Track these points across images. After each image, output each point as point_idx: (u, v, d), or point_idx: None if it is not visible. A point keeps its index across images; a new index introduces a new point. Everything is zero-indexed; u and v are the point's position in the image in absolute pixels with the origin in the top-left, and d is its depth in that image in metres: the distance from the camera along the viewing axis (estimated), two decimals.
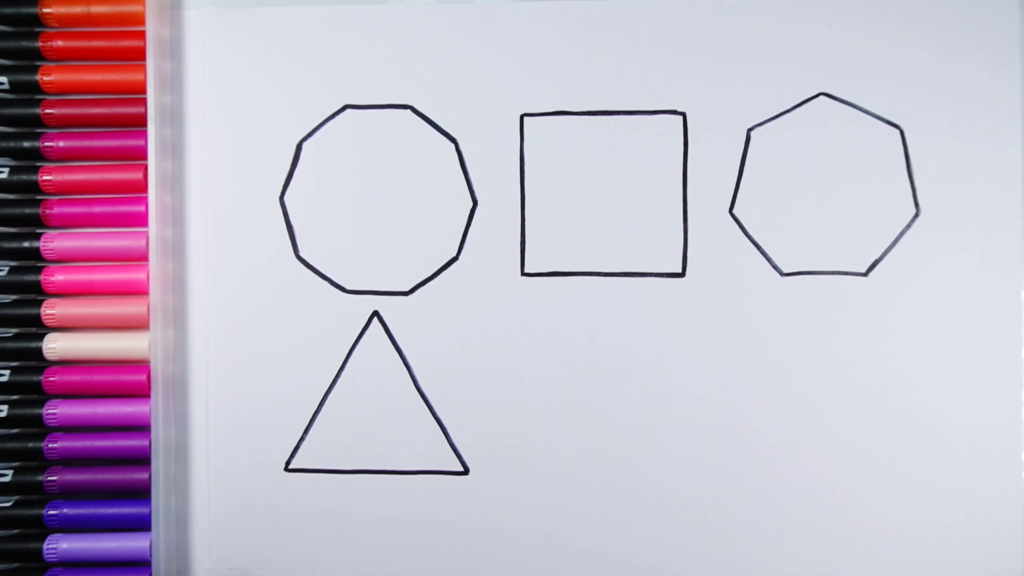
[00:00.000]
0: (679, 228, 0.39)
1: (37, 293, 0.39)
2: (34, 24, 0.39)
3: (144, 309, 0.38)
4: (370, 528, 0.39)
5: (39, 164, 0.39)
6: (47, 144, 0.39)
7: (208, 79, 0.40)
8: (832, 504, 0.38)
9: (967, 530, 0.37)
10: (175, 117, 0.40)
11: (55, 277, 0.39)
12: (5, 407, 0.38)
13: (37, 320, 0.39)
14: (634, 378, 0.38)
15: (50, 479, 0.38)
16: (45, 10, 0.39)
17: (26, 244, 0.39)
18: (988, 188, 0.38)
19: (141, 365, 0.39)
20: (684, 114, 0.39)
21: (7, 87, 0.39)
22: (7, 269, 0.39)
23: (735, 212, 0.39)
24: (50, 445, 0.38)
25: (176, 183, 0.40)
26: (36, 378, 0.38)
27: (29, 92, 0.39)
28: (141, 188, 0.39)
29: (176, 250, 0.40)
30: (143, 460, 0.38)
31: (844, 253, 0.38)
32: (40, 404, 0.39)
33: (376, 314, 0.39)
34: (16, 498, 0.39)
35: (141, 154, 0.39)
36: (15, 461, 0.39)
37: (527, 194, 0.39)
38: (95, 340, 0.39)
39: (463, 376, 0.39)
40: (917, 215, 0.38)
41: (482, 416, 0.39)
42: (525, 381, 0.39)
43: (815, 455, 0.38)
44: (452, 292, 0.39)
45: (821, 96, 0.39)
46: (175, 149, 0.40)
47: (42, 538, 0.38)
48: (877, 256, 0.38)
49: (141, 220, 0.39)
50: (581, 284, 0.39)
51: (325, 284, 0.39)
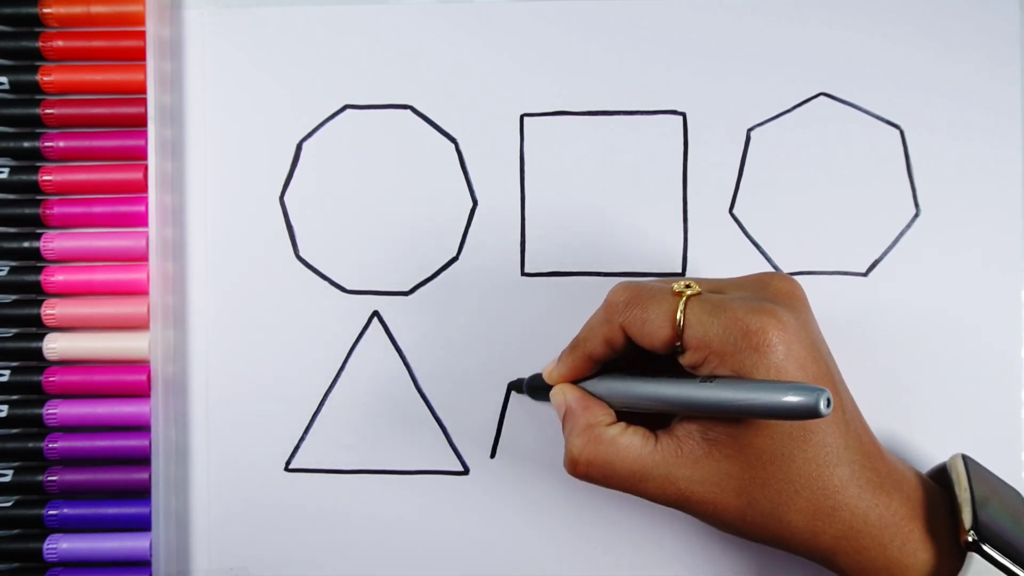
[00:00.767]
0: (679, 228, 0.39)
1: (37, 293, 0.39)
2: (34, 24, 0.39)
3: (144, 309, 0.38)
4: (370, 528, 0.39)
5: (39, 164, 0.39)
6: (47, 144, 0.39)
7: (208, 79, 0.40)
8: None
9: None
10: (175, 117, 0.40)
11: (55, 277, 0.39)
12: (5, 407, 0.38)
13: (37, 320, 0.39)
14: None
15: (50, 479, 0.38)
16: (45, 10, 0.39)
17: (26, 244, 0.39)
18: (988, 188, 0.38)
19: (141, 365, 0.39)
20: (684, 114, 0.39)
21: (7, 87, 0.39)
22: (7, 269, 0.39)
23: (735, 212, 0.39)
24: (50, 445, 0.38)
25: (176, 183, 0.40)
26: (36, 378, 0.38)
27: (29, 92, 0.39)
28: (141, 188, 0.39)
29: (176, 250, 0.39)
30: (143, 460, 0.38)
31: (844, 253, 0.38)
32: (40, 404, 0.39)
33: (376, 314, 0.39)
34: (16, 498, 0.39)
35: (141, 154, 0.39)
36: (15, 461, 0.39)
37: (527, 194, 0.39)
38: (95, 340, 0.39)
39: (463, 376, 0.39)
40: (917, 215, 0.38)
41: (482, 416, 0.39)
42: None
43: None
44: (452, 292, 0.39)
45: (821, 96, 0.39)
46: (175, 149, 0.40)
47: (42, 538, 0.38)
48: (877, 256, 0.38)
49: (141, 220, 0.39)
50: (581, 284, 0.39)
51: (325, 284, 0.39)
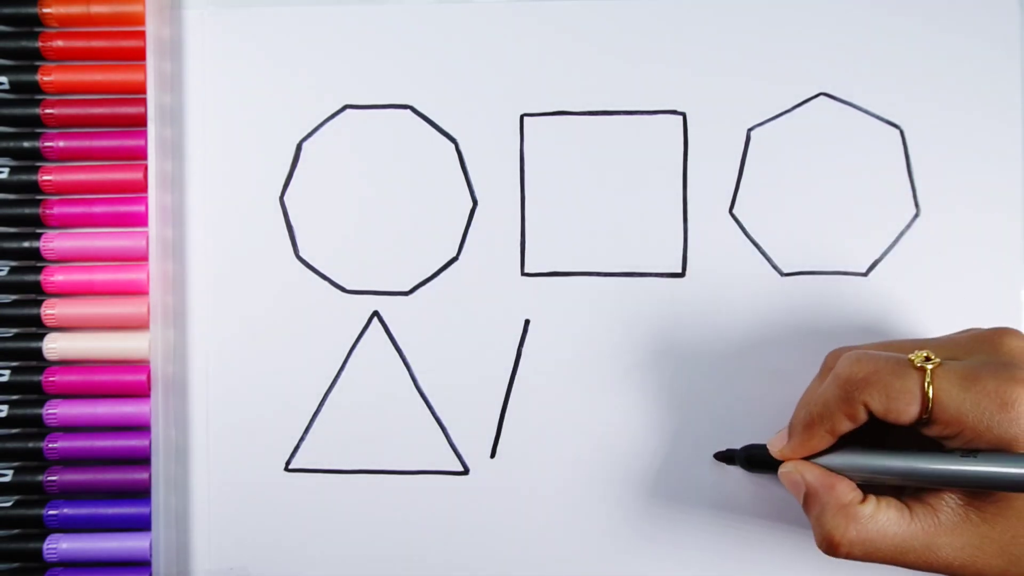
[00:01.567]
0: (679, 228, 0.39)
1: (37, 293, 0.39)
2: (34, 24, 0.39)
3: (144, 309, 0.38)
4: (370, 528, 0.39)
5: (39, 164, 0.39)
6: (47, 144, 0.39)
7: (208, 79, 0.40)
8: None
9: None
10: (175, 117, 0.40)
11: (55, 277, 0.39)
12: (5, 407, 0.38)
13: (37, 320, 0.39)
14: (634, 378, 0.38)
15: (50, 479, 0.38)
16: (45, 10, 0.39)
17: (26, 244, 0.39)
18: (988, 188, 0.38)
19: (141, 365, 0.39)
20: (684, 114, 0.39)
21: (7, 87, 0.39)
22: (7, 269, 0.39)
23: (735, 212, 0.39)
24: (50, 445, 0.38)
25: (176, 183, 0.40)
26: (36, 378, 0.38)
27: (29, 92, 0.39)
28: (141, 188, 0.39)
29: (176, 250, 0.39)
30: (143, 460, 0.38)
31: (844, 253, 0.38)
32: (40, 404, 0.39)
33: (376, 314, 0.39)
34: (16, 498, 0.39)
35: (141, 154, 0.39)
36: (15, 461, 0.39)
37: (527, 194, 0.39)
38: (95, 340, 0.39)
39: (463, 376, 0.39)
40: (917, 215, 0.38)
41: (482, 416, 0.39)
42: (525, 381, 0.39)
43: None
44: (452, 292, 0.39)
45: (821, 96, 0.39)
46: (175, 149, 0.40)
47: (42, 538, 0.38)
48: (877, 256, 0.38)
49: (141, 220, 0.39)
50: (581, 284, 0.39)
51: (325, 284, 0.39)
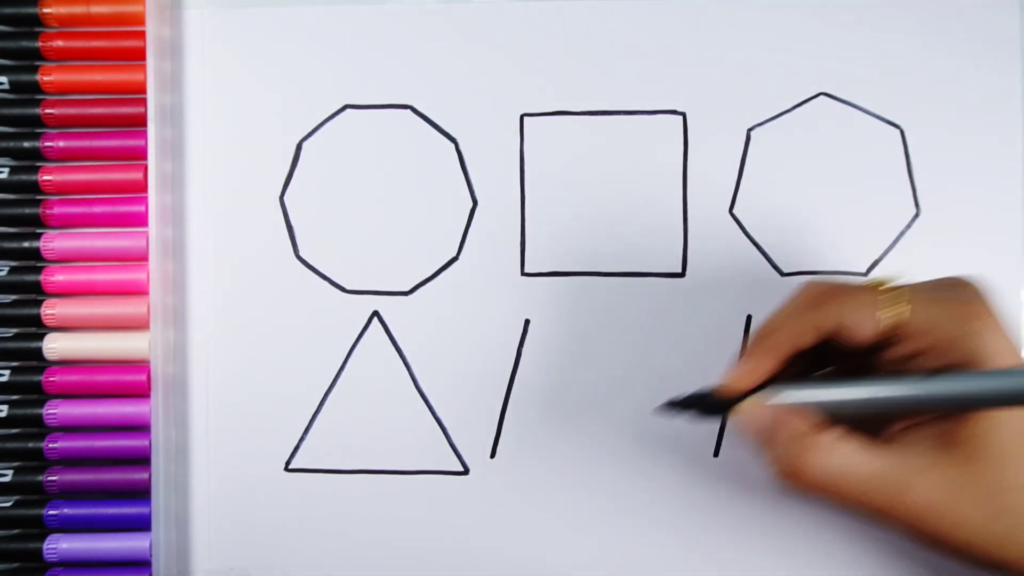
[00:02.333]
0: (679, 228, 0.39)
1: (37, 293, 0.39)
2: (34, 24, 0.39)
3: (144, 309, 0.38)
4: (370, 528, 0.39)
5: (39, 164, 0.39)
6: (47, 144, 0.39)
7: (208, 79, 0.40)
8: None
9: None
10: (175, 117, 0.40)
11: (55, 277, 0.39)
12: (5, 407, 0.38)
13: (37, 320, 0.39)
14: (634, 378, 0.38)
15: (50, 479, 0.38)
16: (45, 10, 0.39)
17: (26, 244, 0.39)
18: (988, 188, 0.38)
19: (141, 365, 0.39)
20: (684, 114, 0.39)
21: (7, 87, 0.39)
22: (7, 269, 0.39)
23: (735, 212, 0.39)
24: (50, 445, 0.38)
25: (176, 183, 0.40)
26: (36, 378, 0.38)
27: (29, 92, 0.39)
28: (141, 188, 0.39)
29: (176, 250, 0.39)
30: (143, 460, 0.38)
31: (844, 253, 0.38)
32: (40, 404, 0.39)
33: (376, 314, 0.39)
34: (16, 498, 0.39)
35: (141, 154, 0.39)
36: (15, 461, 0.39)
37: (527, 194, 0.39)
38: (95, 340, 0.39)
39: (463, 376, 0.39)
40: (917, 215, 0.38)
41: (482, 416, 0.39)
42: (525, 381, 0.39)
43: None
44: (452, 292, 0.39)
45: (821, 96, 0.39)
46: (175, 149, 0.40)
47: (42, 538, 0.38)
48: (877, 256, 0.38)
49: (141, 220, 0.39)
50: (581, 284, 0.39)
51: (325, 284, 0.39)
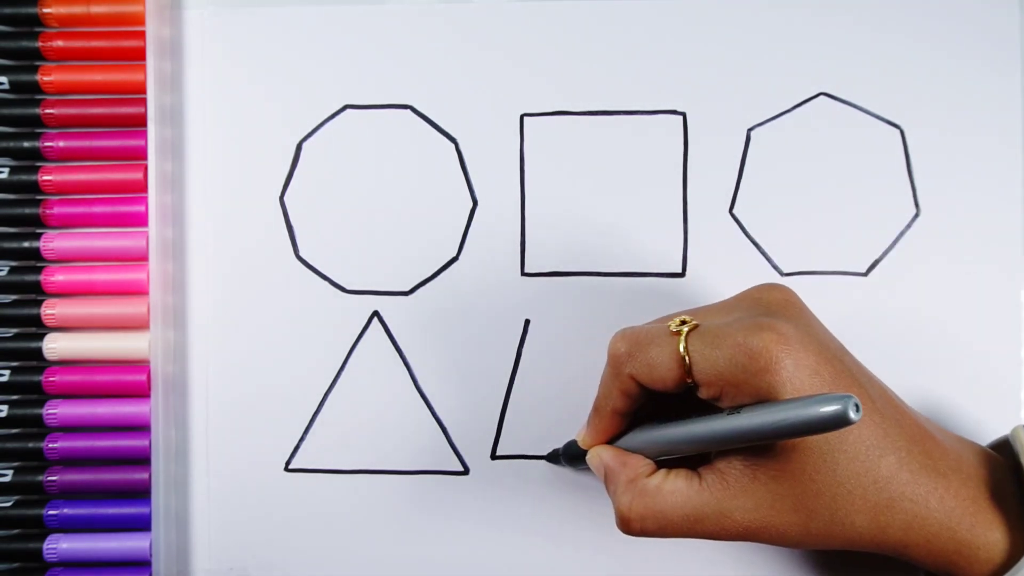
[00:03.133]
0: (679, 228, 0.39)
1: (37, 293, 0.39)
2: (34, 24, 0.39)
3: (144, 309, 0.38)
4: (370, 528, 0.39)
5: (39, 164, 0.39)
6: (47, 144, 0.39)
7: (208, 79, 0.40)
8: None
9: None
10: (175, 117, 0.40)
11: (55, 277, 0.39)
12: (5, 407, 0.38)
13: (37, 320, 0.39)
14: None
15: (50, 479, 0.38)
16: (45, 10, 0.39)
17: (26, 244, 0.39)
18: (988, 188, 0.38)
19: (141, 365, 0.39)
20: (684, 114, 0.39)
21: (7, 87, 0.39)
22: (7, 269, 0.39)
23: (735, 212, 0.39)
24: (50, 445, 0.38)
25: (176, 183, 0.40)
26: (36, 378, 0.38)
27: (29, 92, 0.39)
28: (141, 188, 0.39)
29: (176, 250, 0.39)
30: (143, 460, 0.38)
31: (844, 253, 0.38)
32: (40, 404, 0.39)
33: (376, 314, 0.39)
34: (16, 498, 0.39)
35: (141, 154, 0.39)
36: (15, 461, 0.39)
37: (527, 194, 0.39)
38: (95, 340, 0.39)
39: (463, 376, 0.39)
40: (917, 215, 0.38)
41: (482, 416, 0.39)
42: (525, 381, 0.39)
43: None
44: (452, 292, 0.39)
45: (821, 96, 0.39)
46: (175, 149, 0.40)
47: (42, 538, 0.38)
48: (877, 256, 0.38)
49: (141, 220, 0.39)
50: (581, 284, 0.39)
51: (325, 284, 0.39)
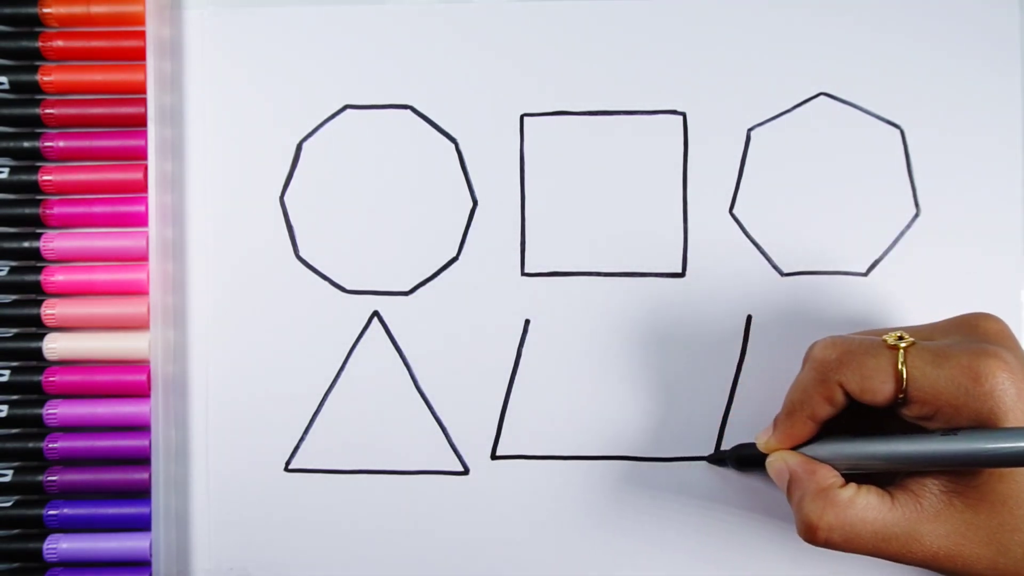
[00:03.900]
0: (679, 228, 0.39)
1: (37, 293, 0.39)
2: (34, 24, 0.39)
3: (144, 309, 0.38)
4: (370, 528, 0.39)
5: (39, 164, 0.39)
6: (47, 144, 0.39)
7: (208, 79, 0.40)
8: None
9: None
10: (175, 117, 0.40)
11: (55, 277, 0.39)
12: (5, 407, 0.38)
13: (37, 320, 0.39)
14: (634, 378, 0.38)
15: (50, 479, 0.38)
16: (45, 10, 0.39)
17: (26, 244, 0.39)
18: (988, 188, 0.38)
19: (141, 365, 0.39)
20: (684, 114, 0.39)
21: (7, 87, 0.39)
22: (7, 269, 0.39)
23: (735, 212, 0.39)
24: (50, 445, 0.38)
25: (176, 183, 0.40)
26: (36, 378, 0.38)
27: (29, 92, 0.39)
28: (141, 188, 0.39)
29: (176, 250, 0.39)
30: (143, 460, 0.38)
31: (844, 253, 0.38)
32: (40, 404, 0.39)
33: (376, 314, 0.39)
34: (16, 498, 0.39)
35: (141, 154, 0.39)
36: (15, 461, 0.39)
37: (527, 194, 0.39)
38: (95, 340, 0.39)
39: (463, 376, 0.39)
40: (917, 215, 0.38)
41: (482, 416, 0.39)
42: (525, 381, 0.39)
43: None
44: (452, 292, 0.39)
45: (821, 96, 0.39)
46: (175, 149, 0.40)
47: (42, 538, 0.38)
48: (877, 256, 0.38)
49: (141, 220, 0.39)
50: (581, 284, 0.39)
51: (325, 284, 0.39)
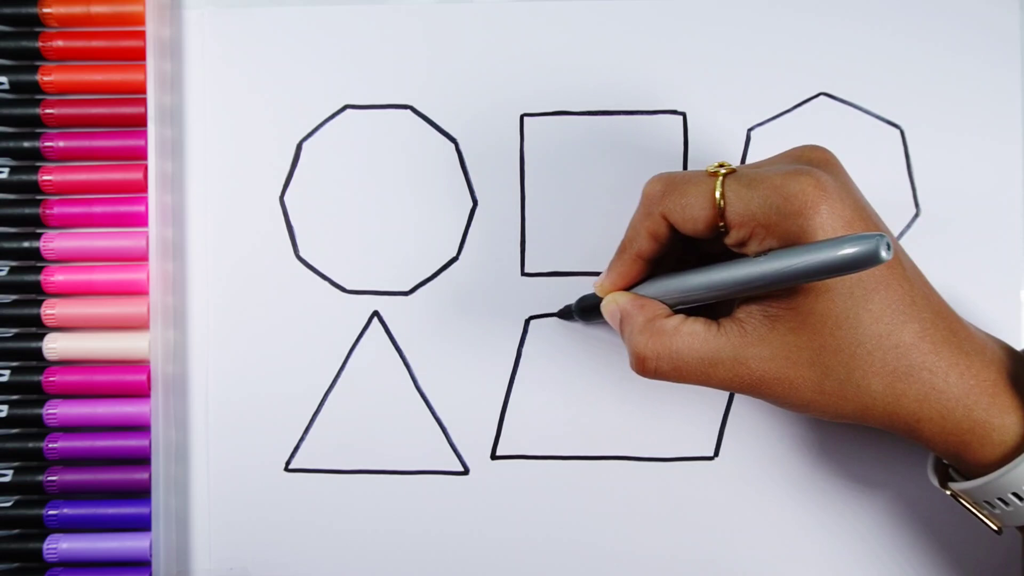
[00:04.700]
0: None
1: (37, 293, 0.39)
2: (34, 24, 0.39)
3: (144, 309, 0.38)
4: (370, 528, 0.39)
5: (39, 164, 0.39)
6: (47, 144, 0.39)
7: (208, 79, 0.40)
8: (832, 505, 0.38)
9: (969, 533, 0.37)
10: (175, 117, 0.40)
11: (55, 277, 0.39)
12: (5, 407, 0.38)
13: (37, 320, 0.39)
14: (634, 378, 0.38)
15: (50, 479, 0.38)
16: (45, 10, 0.39)
17: (26, 244, 0.39)
18: (988, 188, 0.38)
19: (141, 365, 0.39)
20: (684, 114, 0.39)
21: (7, 87, 0.39)
22: (7, 269, 0.39)
23: None
24: (50, 445, 0.38)
25: (176, 183, 0.40)
26: (36, 378, 0.38)
27: (29, 92, 0.39)
28: (141, 188, 0.39)
29: (176, 250, 0.40)
30: (143, 460, 0.38)
31: None
32: (40, 404, 0.39)
33: (376, 314, 0.39)
34: (16, 498, 0.39)
35: (141, 154, 0.39)
36: (15, 461, 0.39)
37: (527, 194, 0.39)
38: (95, 340, 0.39)
39: (463, 376, 0.39)
40: (917, 215, 0.38)
41: (482, 416, 0.39)
42: (525, 381, 0.39)
43: (815, 454, 0.38)
44: (452, 292, 0.39)
45: (821, 96, 0.39)
46: (175, 149, 0.40)
47: (42, 538, 0.38)
48: None
49: (141, 220, 0.39)
50: (581, 285, 0.39)
51: (325, 284, 0.39)
